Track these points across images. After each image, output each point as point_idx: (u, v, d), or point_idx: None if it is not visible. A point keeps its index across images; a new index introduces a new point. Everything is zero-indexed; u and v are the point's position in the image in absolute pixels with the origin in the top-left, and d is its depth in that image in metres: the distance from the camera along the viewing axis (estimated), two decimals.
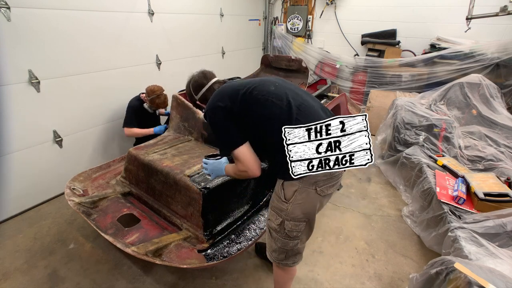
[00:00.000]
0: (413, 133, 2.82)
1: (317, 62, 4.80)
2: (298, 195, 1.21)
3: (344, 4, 4.54)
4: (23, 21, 2.15)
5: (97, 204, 2.00)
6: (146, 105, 2.79)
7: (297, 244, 1.33)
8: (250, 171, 1.22)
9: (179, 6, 3.45)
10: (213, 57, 4.29)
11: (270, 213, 1.34)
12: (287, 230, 1.28)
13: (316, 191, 1.21)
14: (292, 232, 1.28)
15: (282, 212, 1.26)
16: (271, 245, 1.39)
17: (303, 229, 1.29)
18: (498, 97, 3.08)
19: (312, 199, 1.24)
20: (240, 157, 1.20)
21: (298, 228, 1.27)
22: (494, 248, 1.50)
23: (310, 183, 1.20)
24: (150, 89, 2.71)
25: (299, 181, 1.19)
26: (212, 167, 1.45)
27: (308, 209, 1.25)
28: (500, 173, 2.30)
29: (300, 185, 1.20)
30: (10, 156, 2.28)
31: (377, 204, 2.62)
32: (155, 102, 2.69)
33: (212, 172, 1.46)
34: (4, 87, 2.14)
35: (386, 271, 1.92)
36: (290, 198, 1.22)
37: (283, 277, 1.51)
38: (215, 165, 1.44)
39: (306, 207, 1.24)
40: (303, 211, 1.24)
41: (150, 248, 1.57)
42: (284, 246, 1.33)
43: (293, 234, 1.29)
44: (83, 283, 1.82)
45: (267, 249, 1.44)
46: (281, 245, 1.33)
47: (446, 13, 3.83)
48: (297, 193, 1.21)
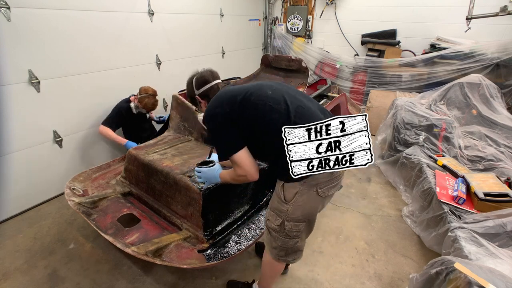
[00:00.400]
0: (413, 133, 2.82)
1: (317, 62, 4.80)
2: (299, 197, 1.21)
3: (344, 4, 4.54)
4: (23, 21, 2.15)
5: (97, 204, 2.00)
6: (133, 104, 2.71)
7: (297, 243, 1.34)
8: (249, 175, 1.22)
9: (179, 6, 3.45)
10: (213, 57, 4.28)
11: (270, 214, 1.34)
12: (287, 230, 1.28)
13: (317, 192, 1.21)
14: (292, 232, 1.28)
15: (282, 213, 1.26)
16: (271, 243, 1.39)
17: (303, 228, 1.29)
18: (498, 97, 3.08)
19: (314, 201, 1.24)
20: (239, 161, 1.19)
21: (298, 228, 1.28)
22: (494, 248, 1.50)
23: (311, 185, 1.19)
24: (145, 88, 2.69)
25: (300, 183, 1.19)
26: (206, 175, 1.44)
27: (309, 210, 1.25)
28: (500, 173, 2.30)
29: (301, 187, 1.19)
30: (10, 156, 2.28)
31: (377, 204, 2.62)
32: (143, 101, 2.63)
33: (206, 180, 1.45)
34: (4, 87, 2.14)
35: (386, 271, 1.92)
36: (290, 199, 1.22)
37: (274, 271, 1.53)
38: (209, 173, 1.43)
39: (307, 208, 1.24)
40: (303, 213, 1.24)
41: (150, 248, 1.57)
42: (284, 244, 1.33)
43: (293, 234, 1.29)
44: (83, 283, 1.82)
45: (266, 246, 1.45)
46: (281, 244, 1.34)
47: (446, 13, 3.82)
48: (298, 195, 1.21)
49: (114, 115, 2.68)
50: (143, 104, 2.65)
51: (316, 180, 1.19)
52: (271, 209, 1.34)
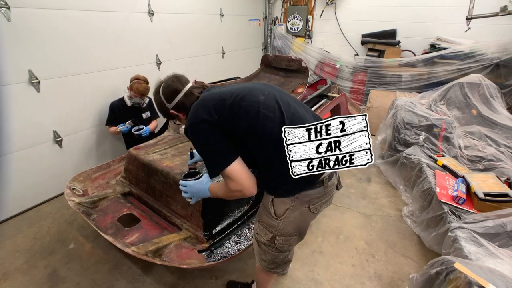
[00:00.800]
0: (413, 133, 2.82)
1: (317, 62, 4.80)
2: (291, 213, 1.16)
3: (344, 4, 4.54)
4: (23, 21, 2.15)
5: (97, 204, 2.00)
6: (126, 96, 2.69)
7: (287, 256, 1.31)
8: (246, 190, 1.09)
9: (179, 6, 3.46)
10: (213, 57, 4.29)
11: (259, 228, 1.27)
12: (278, 245, 1.23)
13: (309, 209, 1.17)
14: (283, 246, 1.25)
15: (272, 228, 1.21)
16: (260, 255, 1.34)
17: (294, 242, 1.26)
18: (498, 97, 3.08)
19: (305, 217, 1.20)
20: (233, 175, 1.07)
21: (289, 242, 1.25)
22: (494, 248, 1.50)
23: (303, 201, 1.15)
24: (135, 75, 2.68)
25: (291, 198, 1.14)
26: (193, 190, 1.26)
27: (300, 225, 1.22)
28: (500, 173, 2.30)
29: (293, 203, 1.15)
30: (10, 156, 2.28)
31: (377, 204, 2.62)
32: (134, 86, 2.59)
33: (193, 195, 1.28)
34: (4, 87, 2.14)
35: (386, 271, 1.92)
36: (281, 215, 1.16)
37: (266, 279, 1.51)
38: (196, 187, 1.26)
39: (298, 224, 1.20)
40: (294, 228, 1.21)
41: (150, 248, 1.57)
42: (274, 258, 1.29)
43: (284, 248, 1.26)
44: (83, 283, 1.82)
45: (256, 256, 1.40)
46: (271, 258, 1.30)
47: (446, 13, 3.83)
48: (289, 211, 1.16)
49: (109, 113, 2.74)
50: (134, 89, 2.59)
51: (308, 196, 1.14)
52: (260, 222, 1.26)
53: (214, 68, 4.30)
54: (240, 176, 1.07)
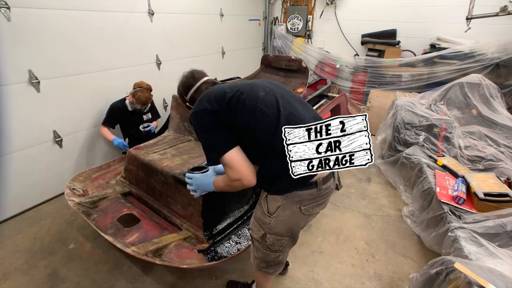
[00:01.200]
0: (413, 133, 2.82)
1: (317, 62, 4.80)
2: (282, 212, 1.17)
3: (344, 4, 4.54)
4: (23, 21, 2.15)
5: (97, 204, 2.00)
6: (128, 101, 2.69)
7: (279, 256, 1.31)
8: (245, 179, 1.09)
9: (179, 6, 3.45)
10: (213, 57, 4.29)
11: (253, 223, 1.30)
12: (269, 244, 1.25)
13: (300, 210, 1.17)
14: (273, 246, 1.25)
15: (264, 225, 1.22)
16: (253, 252, 1.37)
17: (285, 243, 1.26)
18: (498, 97, 3.08)
19: (296, 218, 1.20)
20: (231, 163, 1.08)
21: (280, 242, 1.25)
22: (494, 248, 1.50)
23: (294, 201, 1.16)
24: (138, 82, 2.68)
25: (282, 197, 1.15)
26: (198, 182, 1.29)
27: (291, 226, 1.22)
28: (500, 173, 2.30)
29: (284, 201, 1.15)
30: (10, 156, 2.28)
31: (377, 204, 2.62)
32: (136, 95, 2.60)
33: (198, 188, 1.30)
34: (4, 87, 2.14)
35: (386, 271, 1.92)
36: (273, 213, 1.18)
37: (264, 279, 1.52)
38: (201, 180, 1.29)
39: (289, 224, 1.21)
40: (285, 228, 1.21)
41: (150, 248, 1.57)
42: (265, 257, 1.30)
43: (275, 248, 1.27)
44: (83, 283, 1.82)
45: (250, 253, 1.42)
46: (262, 256, 1.31)
47: (446, 13, 3.82)
48: (280, 209, 1.17)
49: (108, 113, 2.71)
50: (136, 98, 2.61)
51: (299, 196, 1.15)
52: (254, 218, 1.29)
53: (214, 68, 4.29)
54: (238, 164, 1.09)
